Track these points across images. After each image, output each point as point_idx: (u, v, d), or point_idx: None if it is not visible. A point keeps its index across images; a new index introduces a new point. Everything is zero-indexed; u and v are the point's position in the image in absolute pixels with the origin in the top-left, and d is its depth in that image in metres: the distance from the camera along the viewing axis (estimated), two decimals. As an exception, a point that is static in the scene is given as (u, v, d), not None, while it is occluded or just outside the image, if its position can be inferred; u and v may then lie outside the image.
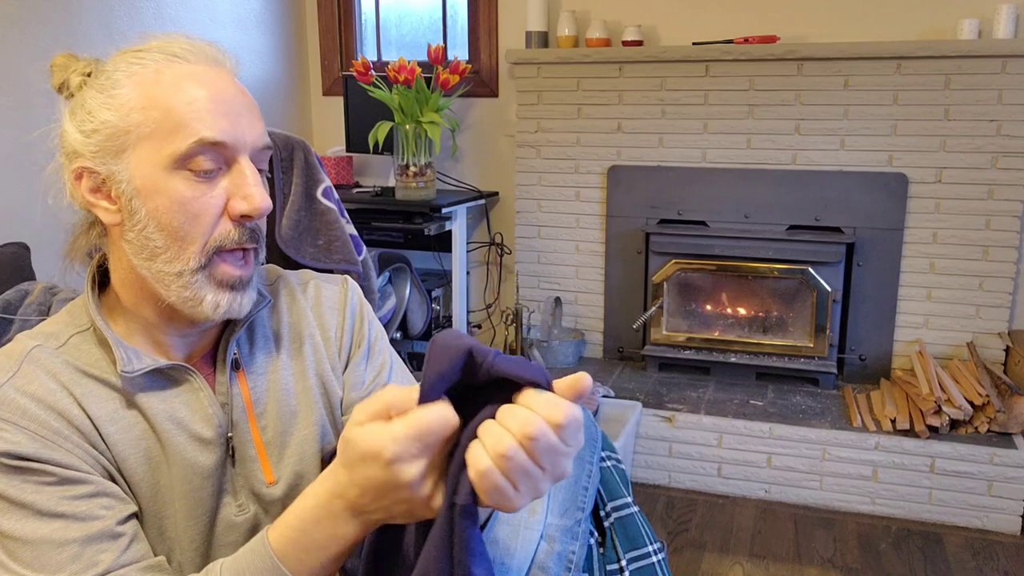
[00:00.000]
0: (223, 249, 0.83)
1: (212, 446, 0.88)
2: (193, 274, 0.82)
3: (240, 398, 0.91)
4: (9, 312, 1.82)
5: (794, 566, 2.27)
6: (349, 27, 3.62)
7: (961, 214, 2.77)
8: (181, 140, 0.80)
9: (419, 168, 3.12)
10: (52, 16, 2.42)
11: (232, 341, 0.90)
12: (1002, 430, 2.49)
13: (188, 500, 0.86)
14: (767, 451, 2.62)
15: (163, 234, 0.81)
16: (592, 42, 3.06)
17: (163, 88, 0.81)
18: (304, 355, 0.96)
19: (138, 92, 0.81)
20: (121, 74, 0.82)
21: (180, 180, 0.80)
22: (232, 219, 0.83)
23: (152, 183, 0.81)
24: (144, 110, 0.80)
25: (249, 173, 0.83)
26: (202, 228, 0.81)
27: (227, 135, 0.81)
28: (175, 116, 0.80)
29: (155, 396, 0.86)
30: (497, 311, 3.53)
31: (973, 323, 2.81)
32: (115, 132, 0.81)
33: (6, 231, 2.26)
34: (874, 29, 2.89)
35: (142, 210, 0.81)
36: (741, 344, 2.99)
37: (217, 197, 0.82)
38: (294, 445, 0.93)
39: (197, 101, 0.80)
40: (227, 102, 0.82)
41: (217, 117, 0.81)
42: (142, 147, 0.81)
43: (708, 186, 2.99)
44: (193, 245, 0.82)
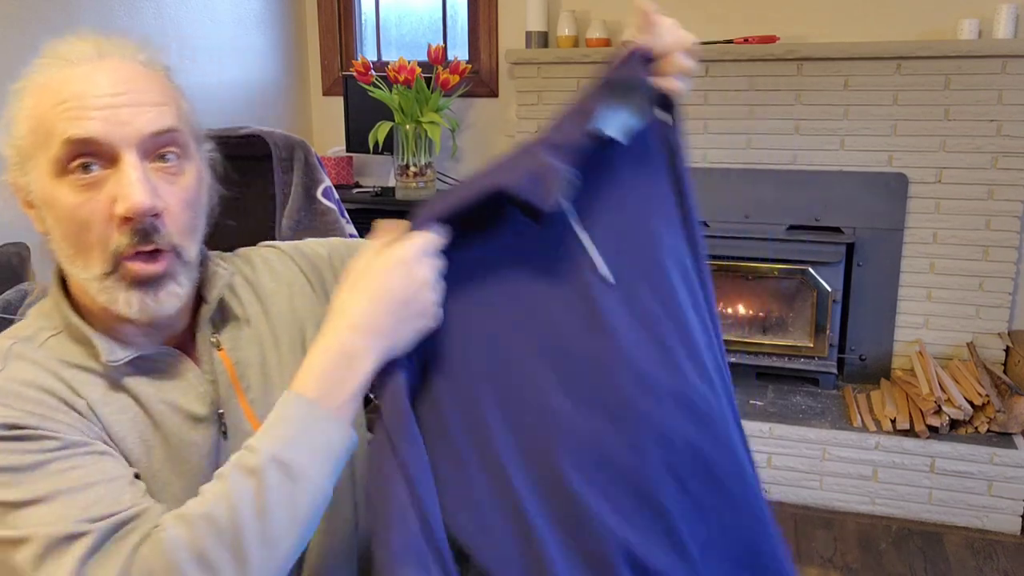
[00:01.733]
0: (122, 256, 0.79)
1: (206, 424, 0.87)
2: (103, 279, 0.80)
3: (225, 375, 0.90)
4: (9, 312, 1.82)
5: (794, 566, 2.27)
6: (349, 27, 3.62)
7: (961, 214, 2.77)
8: (52, 144, 0.77)
9: (419, 168, 3.12)
10: (52, 16, 2.42)
11: (207, 321, 0.90)
12: (1002, 430, 2.49)
13: (186, 480, 0.85)
14: (767, 451, 2.62)
15: (67, 243, 0.80)
16: (592, 42, 3.06)
17: (45, 94, 0.79)
18: (275, 318, 0.96)
19: (31, 101, 0.80)
20: (26, 82, 0.82)
21: (66, 188, 0.78)
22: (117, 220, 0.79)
23: (47, 194, 0.79)
24: (32, 119, 0.79)
25: (129, 170, 0.78)
26: (95, 236, 0.78)
27: (96, 130, 0.77)
28: (48, 121, 0.78)
29: (143, 380, 0.85)
30: (497, 311, 3.53)
31: (973, 323, 2.81)
32: (23, 144, 0.80)
33: (6, 231, 2.26)
34: (874, 29, 2.89)
35: (49, 220, 0.81)
36: (741, 344, 2.99)
37: (102, 201, 0.78)
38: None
39: (66, 101, 0.78)
40: (101, 96, 0.78)
41: (86, 112, 0.77)
42: (36, 157, 0.79)
43: (708, 186, 2.99)
44: (94, 251, 0.79)
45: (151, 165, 0.80)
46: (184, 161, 0.84)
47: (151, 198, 0.78)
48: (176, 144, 0.82)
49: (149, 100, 0.81)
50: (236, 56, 3.20)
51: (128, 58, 0.83)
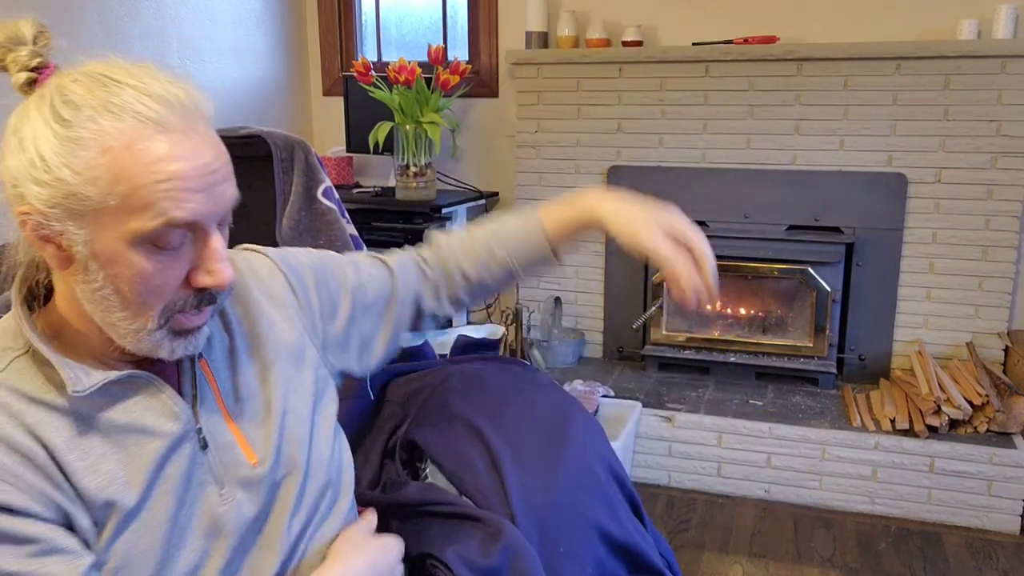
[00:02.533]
0: (179, 311, 0.81)
1: (181, 440, 0.86)
2: (151, 333, 0.80)
3: (206, 387, 0.90)
4: (10, 312, 1.82)
5: (794, 566, 2.28)
6: (349, 27, 3.62)
7: (960, 214, 2.77)
8: (148, 220, 0.74)
9: (419, 168, 3.12)
10: (52, 16, 2.42)
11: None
12: (1001, 430, 2.49)
13: (168, 497, 0.84)
14: (767, 451, 2.62)
15: (120, 299, 0.78)
16: (592, 42, 3.06)
17: (132, 162, 0.74)
18: (258, 332, 0.97)
19: (105, 161, 0.73)
20: (86, 132, 0.74)
21: (143, 254, 0.76)
22: (193, 288, 0.80)
23: (112, 253, 0.76)
24: (110, 183, 0.74)
25: (218, 247, 0.80)
26: (162, 298, 0.79)
27: (199, 214, 0.77)
28: (143, 195, 0.74)
29: (113, 409, 0.83)
30: (497, 311, 3.53)
31: (972, 323, 2.82)
32: (73, 195, 0.74)
33: (6, 231, 2.26)
34: (874, 29, 2.89)
35: (99, 274, 0.77)
36: (741, 344, 2.99)
37: (180, 269, 0.79)
38: (268, 424, 0.93)
39: (169, 181, 0.74)
40: (201, 176, 0.77)
41: (190, 195, 0.76)
42: (104, 217, 0.75)
43: (708, 186, 3.00)
44: (152, 311, 0.79)
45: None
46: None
47: (233, 273, 0.82)
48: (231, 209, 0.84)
49: (228, 170, 0.81)
50: (236, 56, 3.20)
51: (203, 116, 0.81)
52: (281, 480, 0.93)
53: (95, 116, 0.74)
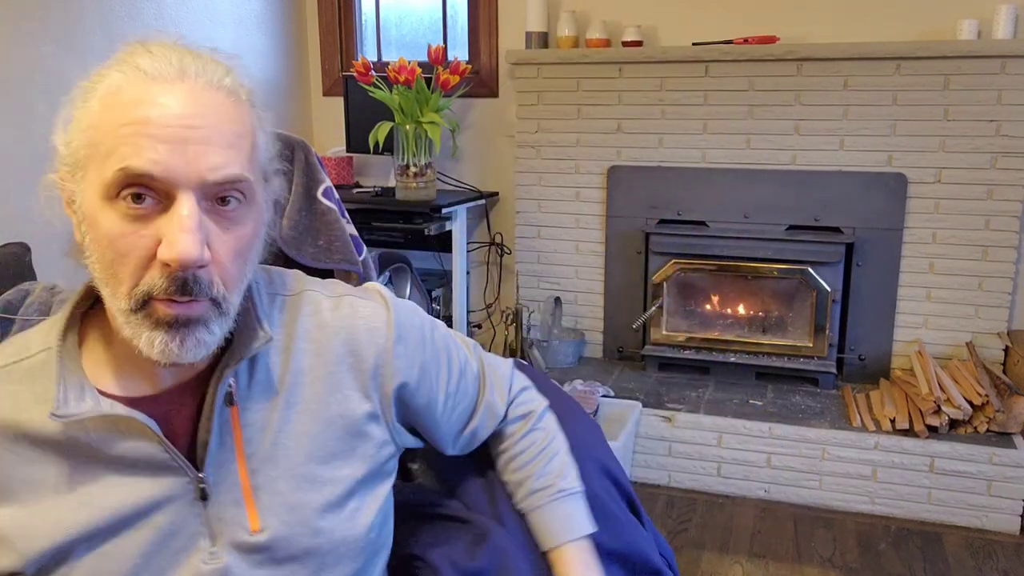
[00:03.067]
0: (153, 297, 0.73)
1: (175, 485, 0.80)
2: (129, 314, 0.74)
3: (229, 436, 0.81)
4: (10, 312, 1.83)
5: (794, 566, 2.28)
6: (349, 27, 3.62)
7: (960, 214, 2.77)
8: (108, 166, 0.71)
9: (419, 168, 3.12)
10: (52, 17, 2.42)
11: (227, 374, 0.81)
12: (1001, 430, 2.49)
13: (139, 539, 0.79)
14: (767, 451, 2.62)
15: (101, 267, 0.75)
16: (592, 42, 3.06)
17: (115, 107, 0.72)
18: (321, 389, 0.86)
19: (97, 108, 0.73)
20: (94, 84, 0.75)
21: (114, 213, 0.72)
22: (161, 266, 0.72)
23: (91, 211, 0.73)
24: (96, 129, 0.73)
25: (182, 215, 0.71)
26: (129, 269, 0.73)
27: (157, 166, 0.70)
28: (111, 139, 0.71)
29: (103, 439, 0.79)
30: (497, 311, 3.53)
31: (972, 323, 2.82)
32: (78, 147, 0.74)
33: (6, 231, 2.26)
34: (874, 29, 2.89)
35: (88, 236, 0.75)
36: (741, 344, 2.99)
37: (147, 237, 0.72)
38: (287, 492, 0.83)
39: (132, 124, 0.71)
40: (170, 126, 0.71)
41: (152, 143, 0.70)
42: (88, 170, 0.73)
43: (708, 186, 3.00)
44: (123, 286, 0.73)
45: (209, 207, 0.74)
46: (245, 207, 0.77)
47: (199, 249, 0.71)
48: (240, 191, 0.76)
49: (221, 139, 0.74)
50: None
51: (212, 83, 0.75)
52: (282, 562, 0.83)
53: (108, 72, 0.75)
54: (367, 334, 0.89)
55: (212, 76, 0.76)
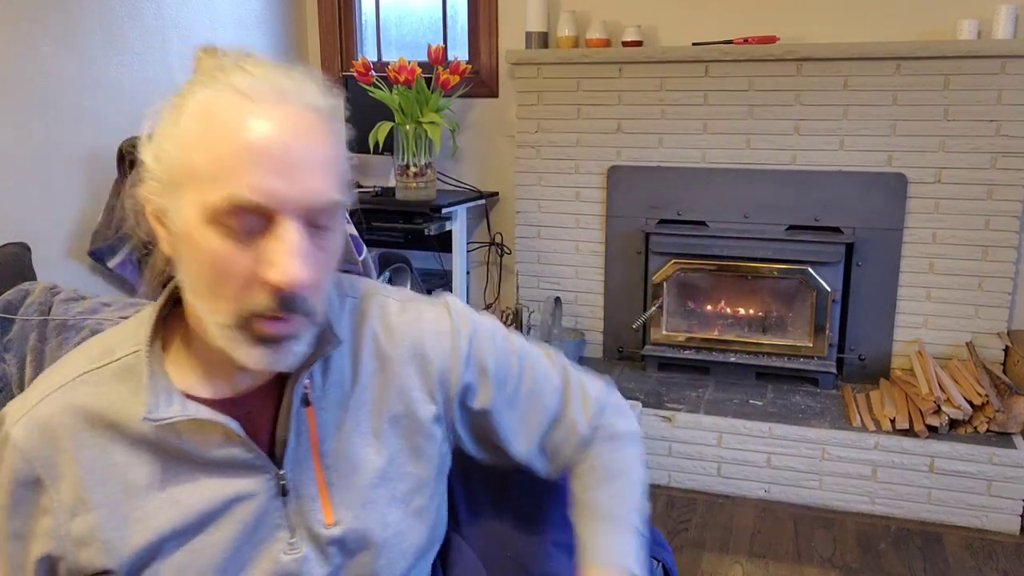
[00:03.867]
0: (256, 316, 0.75)
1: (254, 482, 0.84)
2: (226, 328, 0.76)
3: (306, 435, 0.85)
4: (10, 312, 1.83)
5: (794, 566, 2.28)
6: (349, 27, 3.62)
7: (960, 214, 2.77)
8: (214, 192, 0.72)
9: (419, 168, 3.12)
10: (52, 17, 2.42)
11: (302, 376, 0.84)
12: (1001, 430, 2.49)
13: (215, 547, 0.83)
14: (767, 451, 2.62)
15: (200, 284, 0.76)
16: (592, 42, 3.06)
17: (214, 129, 0.73)
18: (388, 390, 0.90)
19: (194, 127, 0.73)
20: (188, 101, 0.75)
21: (215, 234, 0.73)
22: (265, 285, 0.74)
23: (191, 230, 0.74)
24: (195, 150, 0.73)
25: (289, 239, 0.72)
26: (232, 290, 0.74)
27: (265, 195, 0.71)
28: (215, 164, 0.72)
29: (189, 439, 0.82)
30: (497, 311, 3.53)
31: (972, 323, 2.82)
32: (172, 166, 0.75)
33: (6, 231, 2.26)
34: (874, 29, 2.89)
35: (185, 255, 0.76)
36: (741, 344, 2.99)
37: (249, 259, 0.73)
38: (359, 488, 0.87)
39: (239, 153, 0.71)
40: (277, 154, 0.72)
41: (259, 173, 0.71)
42: (191, 189, 0.74)
43: (708, 186, 3.00)
44: (225, 303, 0.75)
45: (305, 228, 0.75)
46: (335, 228, 0.79)
47: (307, 273, 0.73)
48: (334, 214, 0.77)
49: (322, 163, 0.75)
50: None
51: (307, 104, 0.76)
52: (353, 553, 0.88)
53: (200, 88, 0.75)
54: (433, 337, 0.92)
55: (309, 97, 0.77)
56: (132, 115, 2.70)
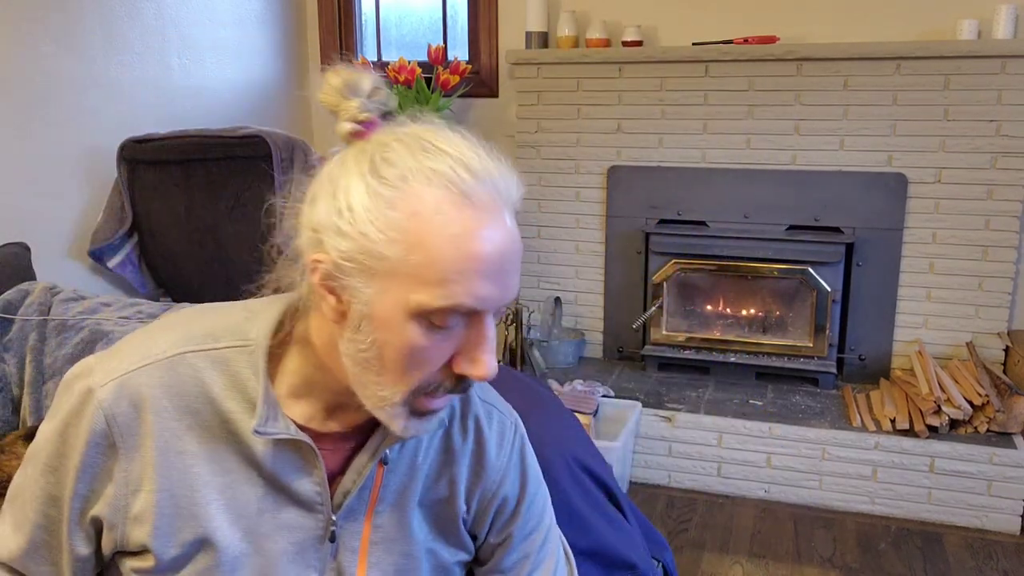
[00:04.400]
0: (429, 392, 0.78)
1: (310, 516, 0.85)
2: (393, 405, 0.78)
3: (369, 491, 0.87)
4: (10, 312, 1.83)
5: (794, 566, 2.28)
6: (349, 27, 3.62)
7: (960, 214, 2.77)
8: (437, 297, 0.72)
9: (419, 168, 3.12)
10: (52, 17, 2.42)
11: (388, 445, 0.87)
12: (1001, 430, 2.49)
13: (264, 559, 0.84)
14: (767, 451, 2.62)
15: (381, 364, 0.76)
16: (592, 42, 3.06)
17: (435, 231, 0.71)
18: (442, 474, 0.92)
19: (411, 225, 0.71)
20: (399, 192, 0.72)
21: (418, 328, 0.74)
22: (452, 371, 0.77)
23: (388, 319, 0.74)
24: (409, 248, 0.72)
25: (489, 336, 0.76)
26: (423, 375, 0.77)
27: (483, 302, 0.74)
28: (439, 270, 0.71)
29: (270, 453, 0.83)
30: (497, 311, 3.53)
31: (972, 323, 2.82)
32: (371, 253, 0.72)
33: (6, 231, 2.26)
34: (874, 29, 2.89)
35: (370, 336, 0.75)
36: (741, 344, 2.99)
37: (447, 349, 0.76)
38: (396, 555, 0.90)
39: (469, 264, 0.72)
40: (498, 264, 0.73)
41: (482, 283, 0.73)
42: (393, 281, 0.73)
43: (708, 186, 3.00)
44: (406, 384, 0.77)
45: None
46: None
47: (496, 369, 0.77)
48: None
49: (519, 261, 0.78)
50: (236, 56, 3.20)
51: (511, 207, 0.77)
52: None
53: (409, 178, 0.73)
54: (496, 445, 0.95)
55: (515, 196, 0.78)
56: (132, 115, 2.70)
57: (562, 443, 1.20)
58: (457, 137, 0.77)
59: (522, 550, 0.97)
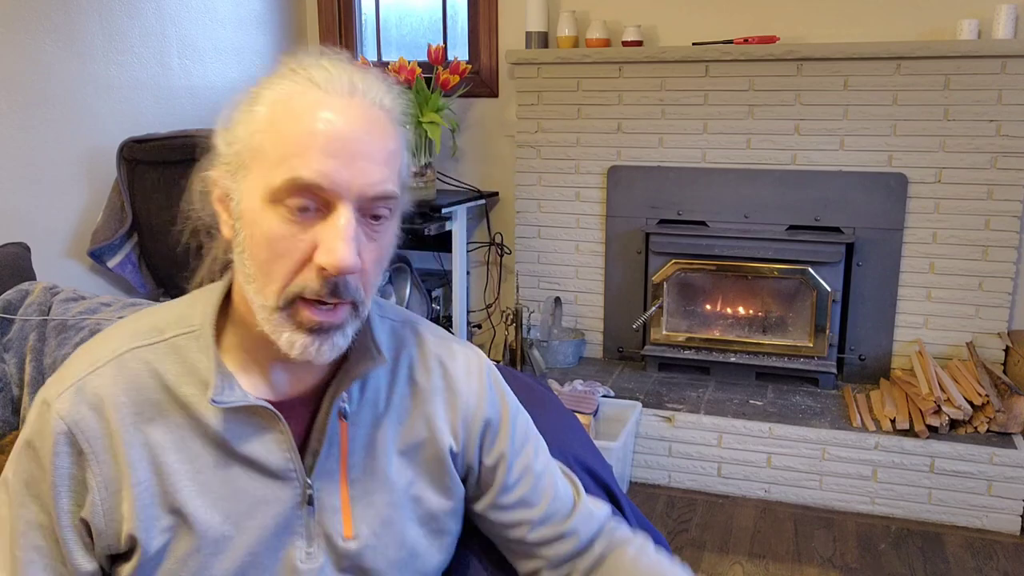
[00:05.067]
0: (302, 298, 0.78)
1: (284, 486, 0.85)
2: (273, 311, 0.78)
3: (337, 447, 0.87)
4: (10, 312, 1.83)
5: (794, 566, 2.28)
6: (349, 27, 3.62)
7: (960, 214, 2.77)
8: (279, 174, 0.75)
9: (419, 168, 3.12)
10: (52, 16, 2.42)
11: (343, 390, 0.87)
12: (1001, 430, 2.49)
13: (248, 536, 0.84)
14: (767, 451, 2.62)
15: (253, 264, 0.79)
16: (592, 42, 3.06)
17: (287, 114, 0.77)
18: (416, 416, 0.92)
19: (267, 114, 0.78)
20: (265, 91, 0.80)
21: (275, 215, 0.76)
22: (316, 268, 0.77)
23: (252, 211, 0.78)
24: (265, 134, 0.77)
25: (343, 224, 0.76)
26: (284, 270, 0.77)
27: (325, 178, 0.75)
28: (283, 147, 0.76)
29: (234, 430, 0.83)
30: (497, 311, 3.53)
31: (972, 323, 2.82)
32: (242, 149, 0.79)
33: (6, 231, 2.26)
34: (874, 29, 2.89)
35: (243, 234, 0.80)
36: (741, 344, 2.99)
37: (305, 242, 0.77)
38: (379, 505, 0.90)
39: (306, 135, 0.75)
40: (342, 140, 0.76)
41: (322, 156, 0.75)
42: (255, 171, 0.78)
43: (708, 186, 3.00)
44: (275, 284, 0.78)
45: (359, 218, 0.79)
46: (389, 221, 0.82)
47: (355, 258, 0.76)
48: (389, 207, 0.81)
49: (381, 156, 0.79)
50: (236, 56, 3.20)
51: (376, 102, 0.80)
52: (368, 569, 0.89)
53: (272, 84, 0.80)
54: (464, 374, 0.96)
55: (377, 95, 0.81)
56: (132, 115, 2.70)
57: (562, 443, 1.20)
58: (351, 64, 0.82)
59: (520, 464, 0.97)
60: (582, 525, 0.98)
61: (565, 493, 0.99)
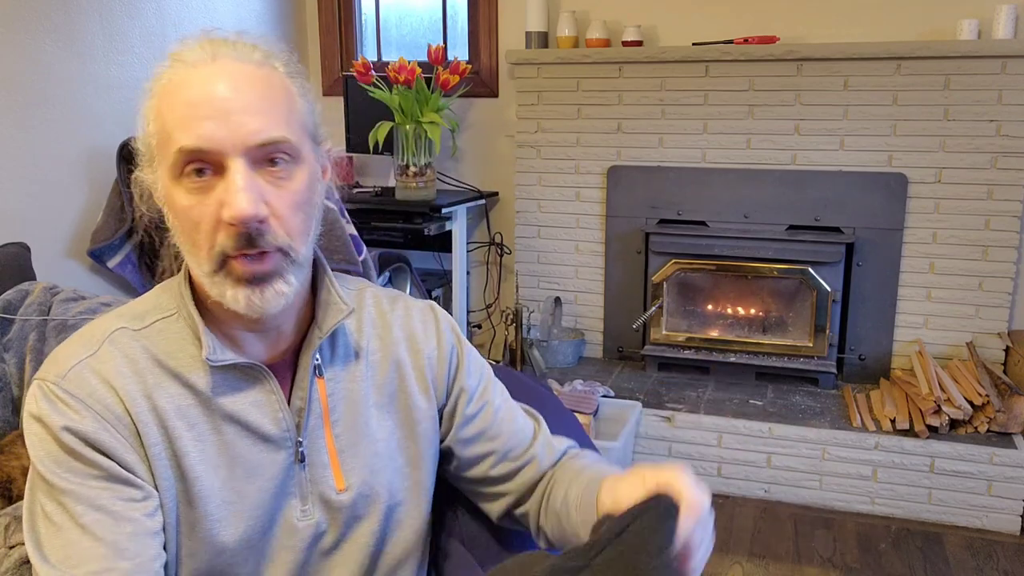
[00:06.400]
0: (228, 256, 0.81)
1: (278, 448, 0.89)
2: (212, 275, 0.82)
3: (318, 403, 0.92)
4: (10, 312, 1.83)
5: (794, 566, 2.28)
6: (349, 27, 3.62)
7: (961, 214, 2.77)
8: (170, 150, 0.80)
9: (419, 168, 3.12)
10: (52, 16, 2.42)
11: (314, 348, 0.91)
12: (1002, 430, 2.49)
13: (249, 500, 0.88)
14: (767, 451, 2.62)
15: (182, 238, 0.84)
16: (592, 42, 3.06)
17: (166, 97, 0.82)
18: (386, 368, 0.97)
19: (155, 102, 0.83)
20: (153, 84, 0.84)
21: (181, 190, 0.81)
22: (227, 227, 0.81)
23: (167, 193, 0.83)
24: (156, 121, 0.83)
25: (235, 178, 0.79)
26: (203, 236, 0.81)
27: (204, 140, 0.79)
28: (167, 126, 0.81)
29: (226, 396, 0.87)
30: (497, 311, 3.53)
31: (973, 323, 2.82)
32: (149, 143, 0.84)
33: (6, 231, 2.26)
34: (874, 29, 2.89)
35: (169, 217, 0.85)
36: (741, 344, 2.99)
37: (211, 205, 0.80)
38: (365, 455, 0.94)
39: (181, 108, 0.80)
40: (211, 102, 0.80)
41: (197, 121, 0.79)
42: (159, 158, 0.83)
43: (708, 186, 3.00)
44: (202, 251, 0.82)
45: (260, 170, 0.82)
46: (294, 165, 0.84)
47: (254, 206, 0.79)
48: (285, 151, 0.83)
49: (257, 106, 0.81)
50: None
51: (242, 59, 0.83)
52: (361, 519, 0.94)
53: (161, 70, 0.84)
54: (422, 327, 1.00)
55: (241, 53, 0.84)
56: (132, 115, 2.70)
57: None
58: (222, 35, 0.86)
59: (479, 399, 1.01)
60: (542, 452, 1.02)
61: (525, 425, 1.03)
